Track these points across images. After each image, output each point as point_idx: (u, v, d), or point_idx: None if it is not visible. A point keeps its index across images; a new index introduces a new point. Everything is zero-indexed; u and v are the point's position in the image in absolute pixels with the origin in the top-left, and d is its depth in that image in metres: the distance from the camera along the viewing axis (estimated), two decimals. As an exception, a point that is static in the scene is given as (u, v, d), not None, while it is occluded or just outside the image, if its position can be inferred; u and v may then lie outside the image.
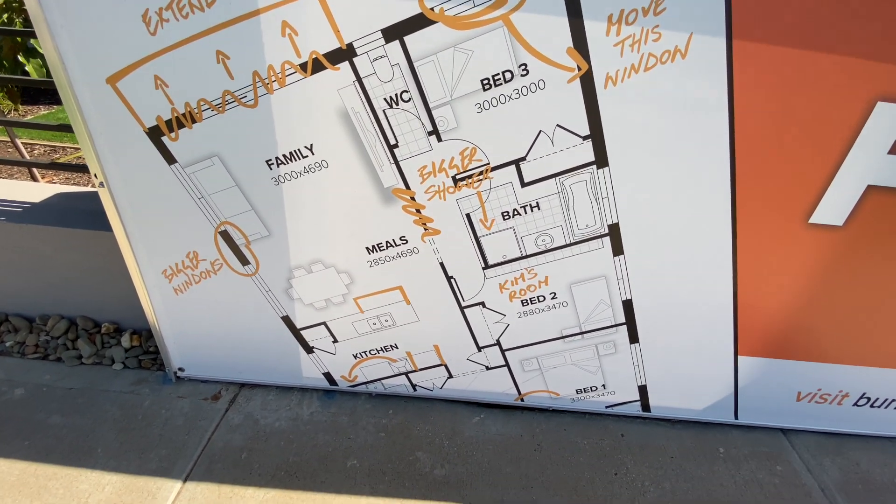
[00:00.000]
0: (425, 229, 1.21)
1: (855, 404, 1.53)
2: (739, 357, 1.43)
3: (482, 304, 1.34)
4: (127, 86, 1.05)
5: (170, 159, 1.14)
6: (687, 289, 1.29)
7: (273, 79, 1.01)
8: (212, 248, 1.27)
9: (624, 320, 1.36)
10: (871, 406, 1.53)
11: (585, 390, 1.52)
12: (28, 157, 2.30)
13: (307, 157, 1.11)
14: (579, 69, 0.97)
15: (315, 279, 1.31)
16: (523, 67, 0.97)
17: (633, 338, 1.39)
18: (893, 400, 1.49)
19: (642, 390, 1.51)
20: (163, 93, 1.05)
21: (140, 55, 1.00)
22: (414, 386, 1.54)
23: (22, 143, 3.17)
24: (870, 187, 1.10)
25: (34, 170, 2.35)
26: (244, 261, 1.29)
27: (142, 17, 0.96)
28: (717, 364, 1.44)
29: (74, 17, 0.97)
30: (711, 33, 0.92)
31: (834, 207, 1.13)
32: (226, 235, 1.25)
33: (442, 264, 1.27)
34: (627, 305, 1.33)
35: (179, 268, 1.33)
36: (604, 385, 1.50)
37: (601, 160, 1.08)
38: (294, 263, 1.28)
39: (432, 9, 0.92)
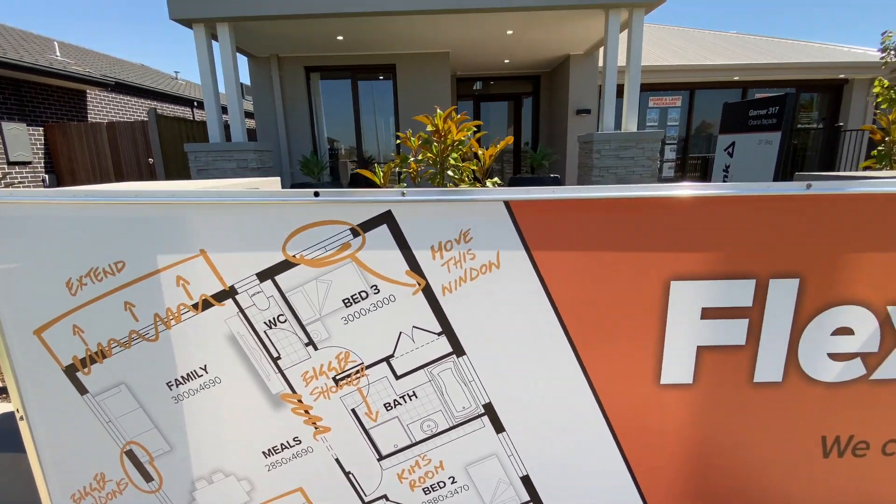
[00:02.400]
0: (316, 428, 1.29)
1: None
2: (661, 524, 1.38)
3: (385, 496, 1.35)
4: (50, 334, 1.25)
5: (82, 390, 1.28)
6: (578, 458, 1.32)
7: (171, 317, 1.22)
8: (118, 468, 1.33)
9: (528, 498, 1.35)
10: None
11: (515, 582, 1.42)
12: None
13: (202, 375, 1.25)
14: (419, 284, 1.19)
15: (217, 489, 1.33)
16: (374, 287, 1.20)
17: (544, 516, 1.36)
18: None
19: (575, 575, 1.41)
20: (79, 337, 1.24)
21: (62, 311, 1.22)
22: None
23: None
24: (700, 347, 1.25)
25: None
26: (148, 477, 1.34)
27: (65, 284, 1.20)
28: (641, 535, 1.38)
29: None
30: (513, 248, 1.17)
31: (677, 369, 1.26)
32: (131, 454, 1.32)
33: (337, 460, 1.32)
34: (527, 481, 1.34)
35: (87, 490, 1.36)
36: (532, 574, 1.41)
37: (458, 350, 1.24)
38: (196, 475, 1.33)
39: (294, 255, 1.17)
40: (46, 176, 10.40)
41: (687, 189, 1.15)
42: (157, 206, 1.15)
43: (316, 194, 1.14)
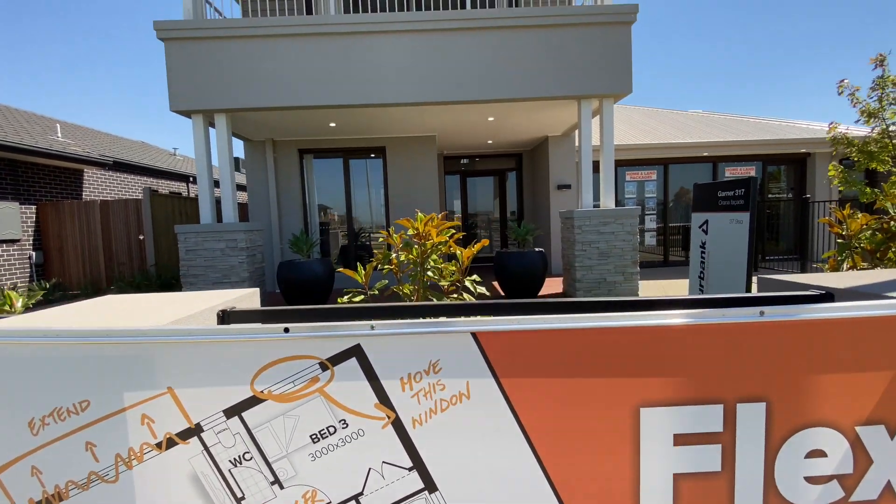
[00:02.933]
0: (280, 575, 1.21)
1: None
2: None
3: None
4: (8, 475, 1.19)
5: (31, 538, 1.20)
6: None
7: (133, 457, 1.18)
8: None
9: None
10: None
11: None
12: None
13: (161, 519, 1.19)
14: (389, 418, 1.19)
15: None
16: (343, 422, 1.18)
17: None
18: None
19: None
20: (37, 479, 1.19)
21: (23, 451, 1.18)
22: None
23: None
24: (676, 475, 1.23)
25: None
26: None
27: (28, 424, 1.17)
28: None
29: (-28, 428, 1.18)
30: (483, 377, 1.19)
31: (656, 499, 1.23)
32: None
33: None
34: None
35: None
36: None
37: (430, 486, 1.20)
38: None
39: (262, 391, 1.17)
40: (33, 253, 10.40)
41: (648, 319, 1.19)
42: (125, 345, 1.16)
43: (286, 330, 1.16)
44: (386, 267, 2.40)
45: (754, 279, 1.63)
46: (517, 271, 6.92)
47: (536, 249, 7.28)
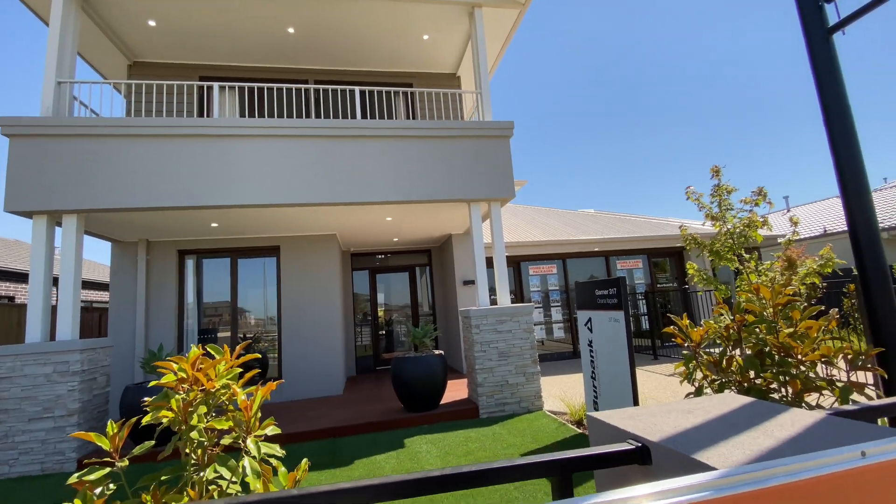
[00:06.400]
0: None
1: None
2: None
3: None
4: None
5: None
6: None
7: None
8: None
9: None
10: None
11: None
12: None
13: None
14: None
15: None
16: None
17: None
18: None
19: None
20: None
21: None
22: None
23: None
24: None
25: None
26: None
27: None
28: None
29: None
30: None
31: None
32: None
33: None
34: None
35: None
36: None
37: None
38: None
39: None
40: None
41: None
42: None
43: None
44: (163, 420, 1.84)
45: (592, 416, 1.40)
46: (413, 379, 6.37)
47: (436, 352, 6.85)
